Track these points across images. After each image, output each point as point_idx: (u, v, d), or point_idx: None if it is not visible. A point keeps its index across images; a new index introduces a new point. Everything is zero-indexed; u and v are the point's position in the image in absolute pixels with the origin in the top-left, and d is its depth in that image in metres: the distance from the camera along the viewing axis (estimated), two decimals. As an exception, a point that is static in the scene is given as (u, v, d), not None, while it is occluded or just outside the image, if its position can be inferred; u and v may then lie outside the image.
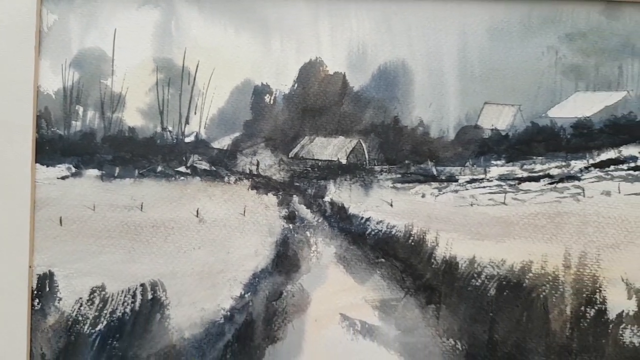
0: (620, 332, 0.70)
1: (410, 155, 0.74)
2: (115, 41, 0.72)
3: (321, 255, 0.73)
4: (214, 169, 0.74)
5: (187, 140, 0.74)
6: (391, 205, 0.73)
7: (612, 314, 0.71)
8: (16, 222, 0.70)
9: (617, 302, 0.71)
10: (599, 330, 0.71)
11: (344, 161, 0.74)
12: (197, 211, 0.73)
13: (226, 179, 0.74)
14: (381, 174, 0.74)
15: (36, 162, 0.72)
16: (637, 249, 0.72)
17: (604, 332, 0.71)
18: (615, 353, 0.72)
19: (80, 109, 0.73)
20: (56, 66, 0.72)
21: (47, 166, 0.72)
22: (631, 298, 0.71)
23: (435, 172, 0.74)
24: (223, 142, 0.74)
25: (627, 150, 0.73)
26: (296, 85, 0.73)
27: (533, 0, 0.73)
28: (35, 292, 0.70)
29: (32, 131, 0.71)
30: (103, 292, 0.72)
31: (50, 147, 0.72)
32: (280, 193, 0.74)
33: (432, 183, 0.73)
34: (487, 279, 0.72)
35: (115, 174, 0.73)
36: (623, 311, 0.71)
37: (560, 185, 0.73)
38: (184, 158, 0.74)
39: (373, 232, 0.73)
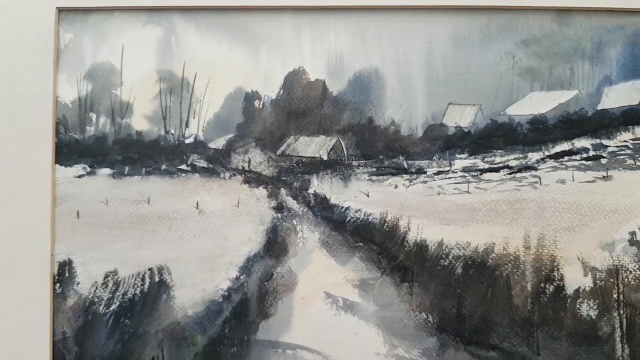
0: (578, 306, 0.68)
1: (384, 151, 0.71)
2: (123, 56, 0.71)
3: (306, 240, 0.71)
4: (211, 166, 0.71)
5: (187, 141, 0.71)
6: (368, 195, 0.71)
7: (569, 290, 0.68)
8: (39, 216, 0.68)
9: (574, 279, 0.69)
10: (557, 305, 0.68)
11: (325, 157, 0.71)
12: (197, 204, 0.70)
13: (222, 175, 0.71)
14: (358, 168, 0.71)
15: (56, 163, 0.70)
16: (591, 231, 0.68)
17: (562, 307, 0.68)
18: (573, 325, 0.68)
19: (94, 116, 0.71)
20: (72, 79, 0.71)
21: (66, 166, 0.70)
22: (587, 275, 0.68)
23: (406, 166, 0.71)
24: (219, 143, 0.72)
25: (579, 143, 0.70)
26: (282, 91, 0.71)
27: (491, 11, 0.69)
28: (56, 277, 0.68)
29: (51, 136, 0.69)
30: (116, 276, 0.70)
31: (68, 150, 0.70)
32: (270, 186, 0.71)
33: (404, 175, 0.71)
34: (454, 259, 0.70)
35: (125, 172, 0.71)
36: (580, 287, 0.68)
37: (518, 175, 0.70)
38: (184, 157, 0.71)
39: (352, 220, 0.71)
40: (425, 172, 0.71)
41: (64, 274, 0.70)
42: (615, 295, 0.67)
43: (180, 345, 0.70)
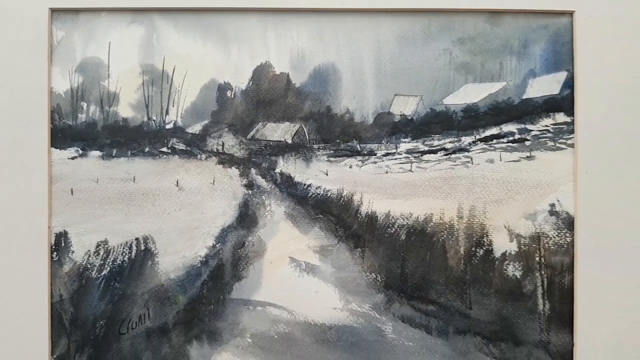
0: (504, 267, 0.73)
1: (340, 135, 0.74)
2: (110, 51, 0.73)
3: (274, 213, 0.75)
4: (189, 149, 0.74)
5: (167, 127, 0.74)
6: (327, 174, 0.74)
7: (497, 254, 0.73)
8: (37, 193, 0.70)
9: (501, 244, 0.73)
10: (487, 266, 0.73)
11: (289, 141, 0.74)
12: (177, 182, 0.73)
13: (199, 156, 0.74)
14: (318, 151, 0.75)
15: (51, 147, 0.72)
16: (516, 203, 0.73)
17: (491, 267, 0.73)
18: (500, 283, 0.73)
19: (85, 105, 0.73)
20: (64, 72, 0.73)
21: (60, 149, 0.72)
22: (512, 241, 0.73)
23: (359, 148, 0.75)
24: (195, 128, 0.74)
25: (507, 127, 0.74)
26: (251, 83, 0.74)
27: (431, 13, 0.73)
28: (53, 247, 0.71)
29: (47, 122, 0.71)
30: (106, 246, 0.72)
31: (62, 135, 0.72)
32: (241, 167, 0.74)
33: (357, 157, 0.75)
34: (399, 227, 0.74)
35: (113, 154, 0.73)
36: (506, 251, 0.73)
37: (453, 156, 0.74)
38: (165, 141, 0.74)
39: (313, 195, 0.75)
40: (375, 154, 0.74)
41: (60, 244, 0.73)
42: (537, 258, 0.73)
43: (164, 304, 0.74)
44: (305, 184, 0.74)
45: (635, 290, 0.70)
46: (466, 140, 0.74)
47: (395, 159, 0.74)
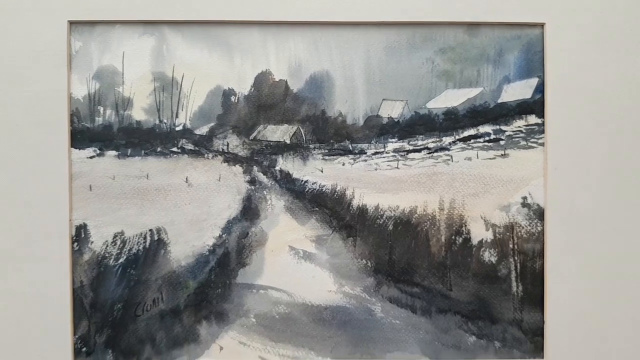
0: (481, 253, 0.75)
1: (334, 136, 0.76)
2: (124, 60, 0.75)
3: (274, 207, 0.77)
4: (197, 148, 0.76)
5: (177, 129, 0.76)
6: (322, 171, 0.76)
7: (475, 241, 0.76)
8: (59, 189, 0.73)
9: (478, 233, 0.76)
10: (465, 252, 0.75)
11: (288, 142, 0.76)
12: (187, 178, 0.76)
13: (206, 155, 0.76)
14: (314, 150, 0.77)
15: (71, 147, 0.74)
16: (491, 197, 0.76)
17: (469, 253, 0.75)
18: (477, 267, 0.76)
19: (101, 109, 0.75)
20: (82, 79, 0.74)
21: (79, 149, 0.75)
22: (488, 230, 0.75)
23: (351, 148, 0.77)
24: (203, 130, 0.76)
25: (483, 129, 0.76)
26: (253, 89, 0.76)
27: (416, 25, 0.75)
28: (74, 237, 0.73)
29: (67, 125, 0.73)
30: (122, 236, 0.75)
31: (81, 136, 0.74)
32: (244, 165, 0.76)
33: (349, 155, 0.77)
34: (386, 219, 0.76)
35: (128, 154, 0.75)
36: (482, 239, 0.76)
37: (435, 154, 0.76)
38: (175, 141, 0.76)
39: (310, 190, 0.77)
40: (365, 153, 0.76)
41: (80, 235, 0.75)
42: (510, 246, 0.75)
43: (175, 288, 0.76)
44: (302, 180, 0.76)
45: (598, 273, 0.74)
46: (447, 140, 0.76)
47: (384, 157, 0.76)
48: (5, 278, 0.73)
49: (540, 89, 0.75)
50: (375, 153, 0.76)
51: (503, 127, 0.75)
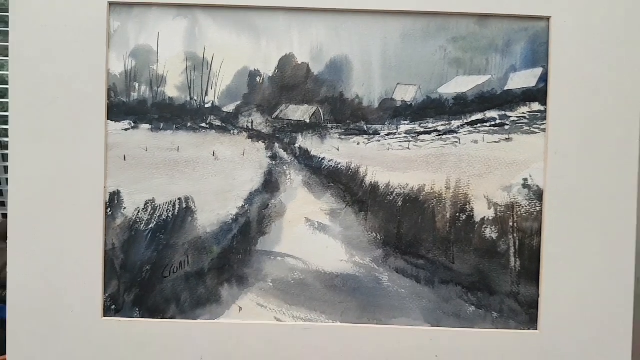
0: (483, 229, 0.78)
1: (350, 117, 0.79)
2: (159, 40, 0.78)
3: (293, 181, 0.80)
4: (224, 125, 0.79)
5: (206, 106, 0.79)
6: (338, 149, 0.79)
7: (477, 219, 0.79)
8: (95, 158, 0.76)
9: (481, 211, 0.79)
10: (468, 228, 0.78)
11: (307, 121, 0.79)
12: (214, 152, 0.79)
13: (232, 131, 0.79)
14: (332, 130, 0.79)
15: (108, 119, 0.78)
16: (494, 178, 0.78)
17: (472, 229, 0.78)
18: (478, 243, 0.79)
19: (136, 85, 0.78)
20: (119, 56, 0.78)
21: (115, 122, 0.78)
22: (490, 209, 0.78)
23: (365, 129, 0.79)
24: (229, 108, 0.79)
25: (490, 114, 0.79)
26: (277, 70, 0.78)
27: (430, 15, 0.78)
28: (108, 203, 0.77)
29: (105, 99, 0.77)
30: (153, 203, 0.78)
31: (117, 110, 0.77)
32: (267, 141, 0.79)
33: (364, 135, 0.79)
34: (396, 195, 0.79)
35: (160, 128, 0.79)
36: (485, 217, 0.78)
37: (444, 136, 0.79)
38: (204, 117, 0.79)
39: (326, 167, 0.80)
40: (379, 134, 0.79)
41: (113, 201, 0.78)
42: (510, 224, 0.78)
43: (200, 253, 0.80)
44: (320, 157, 0.79)
45: (591, 252, 0.78)
46: (455, 123, 0.79)
47: (396, 138, 0.79)
48: (43, 239, 0.77)
49: (544, 78, 0.77)
50: (389, 134, 0.79)
51: (508, 113, 0.78)
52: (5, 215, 1.60)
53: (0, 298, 1.18)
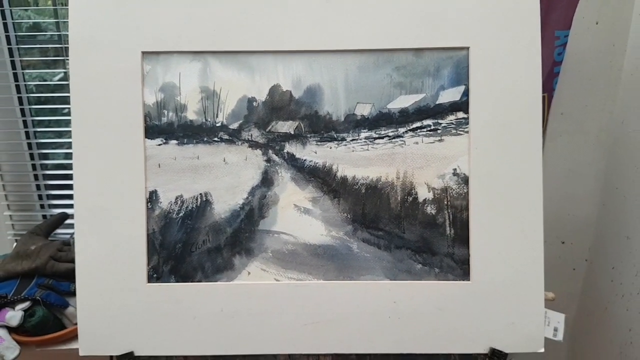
0: (425, 207, 0.90)
1: (324, 128, 0.91)
2: (180, 78, 0.91)
3: (283, 177, 0.91)
4: (231, 138, 0.91)
5: (217, 125, 0.91)
6: (316, 153, 0.91)
7: (420, 200, 0.90)
8: (137, 167, 0.88)
9: (423, 194, 0.90)
10: (414, 207, 0.90)
11: (292, 132, 0.90)
12: (224, 159, 0.91)
13: (237, 143, 0.91)
14: (310, 138, 0.91)
15: (146, 137, 0.90)
16: (431, 169, 0.89)
17: (417, 208, 0.90)
18: (422, 217, 0.90)
19: (165, 112, 0.90)
20: (152, 91, 0.90)
21: (151, 139, 0.90)
22: (430, 192, 0.89)
23: (335, 136, 0.91)
24: (234, 125, 0.91)
25: (426, 122, 0.90)
26: (268, 97, 0.90)
27: (379, 51, 0.90)
28: (148, 199, 0.88)
29: (142, 123, 0.89)
30: (181, 198, 0.90)
31: (152, 130, 0.89)
32: (263, 149, 0.91)
33: (335, 141, 0.91)
34: (360, 185, 0.91)
35: (185, 142, 0.90)
36: (426, 198, 0.90)
37: (393, 140, 0.91)
38: (216, 134, 0.91)
39: (307, 166, 0.91)
40: (346, 140, 0.91)
41: (152, 198, 0.92)
42: (445, 202, 0.90)
43: (217, 233, 0.93)
44: (302, 159, 0.88)
45: (507, 221, 0.89)
46: (401, 130, 0.87)
47: (358, 142, 0.88)
48: (101, 227, 0.92)
49: (466, 93, 0.85)
50: (352, 140, 0.87)
51: (440, 121, 0.87)
52: (45, 217, 1.75)
53: (47, 286, 1.29)
